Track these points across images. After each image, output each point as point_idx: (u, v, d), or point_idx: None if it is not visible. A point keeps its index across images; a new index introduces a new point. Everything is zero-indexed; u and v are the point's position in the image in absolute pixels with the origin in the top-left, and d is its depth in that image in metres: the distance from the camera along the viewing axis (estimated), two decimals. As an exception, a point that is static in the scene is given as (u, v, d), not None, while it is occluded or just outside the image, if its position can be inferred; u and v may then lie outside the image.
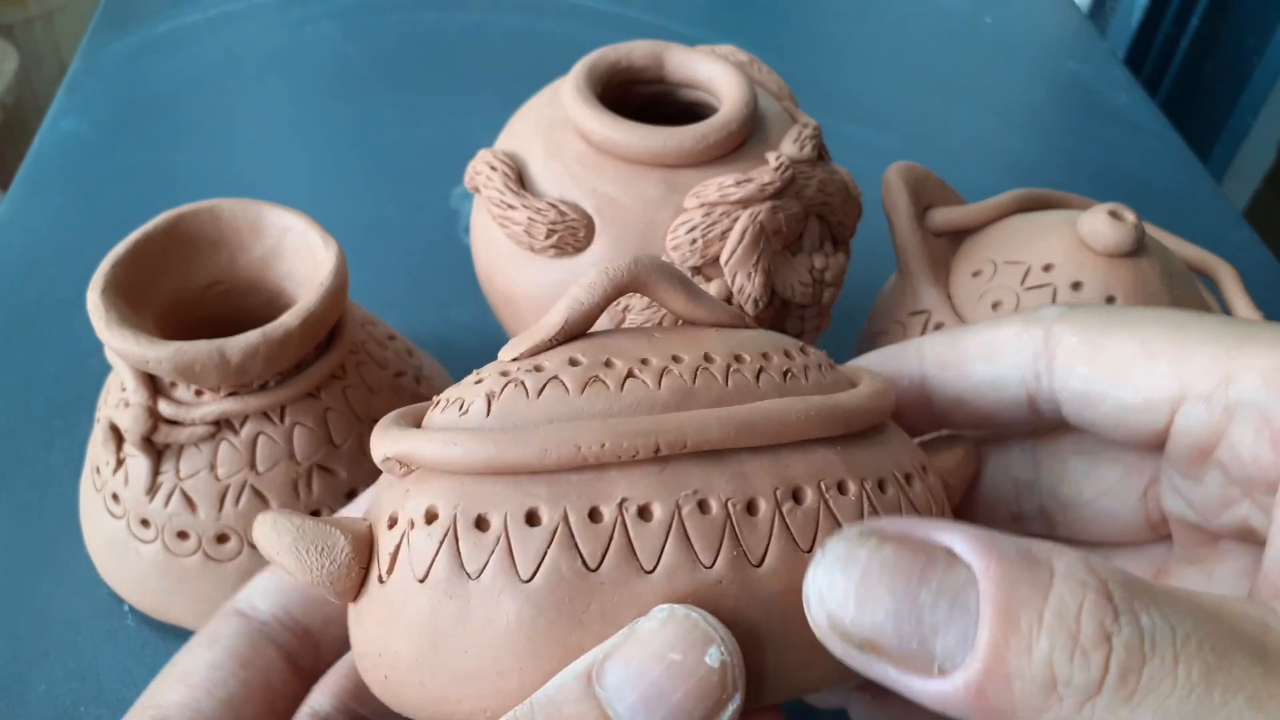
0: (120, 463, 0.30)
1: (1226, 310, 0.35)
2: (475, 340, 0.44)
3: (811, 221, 0.32)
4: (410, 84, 0.62)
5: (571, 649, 0.16)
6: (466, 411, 0.18)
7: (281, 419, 0.30)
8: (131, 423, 0.29)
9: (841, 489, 0.17)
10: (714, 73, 0.33)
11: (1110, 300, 0.30)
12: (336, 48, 0.66)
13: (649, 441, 0.16)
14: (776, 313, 0.32)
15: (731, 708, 0.15)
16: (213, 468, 0.30)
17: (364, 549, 0.18)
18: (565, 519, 0.16)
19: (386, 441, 0.18)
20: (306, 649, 0.20)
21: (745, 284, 0.30)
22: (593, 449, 0.16)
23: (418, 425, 0.19)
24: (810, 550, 0.17)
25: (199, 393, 0.30)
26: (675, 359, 0.18)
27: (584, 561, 0.16)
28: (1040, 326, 0.20)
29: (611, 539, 0.16)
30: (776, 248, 0.31)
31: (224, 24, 0.67)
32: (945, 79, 0.66)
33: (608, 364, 0.18)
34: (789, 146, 0.32)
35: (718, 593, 0.16)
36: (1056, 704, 0.14)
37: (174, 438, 0.30)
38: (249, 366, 0.28)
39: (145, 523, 0.31)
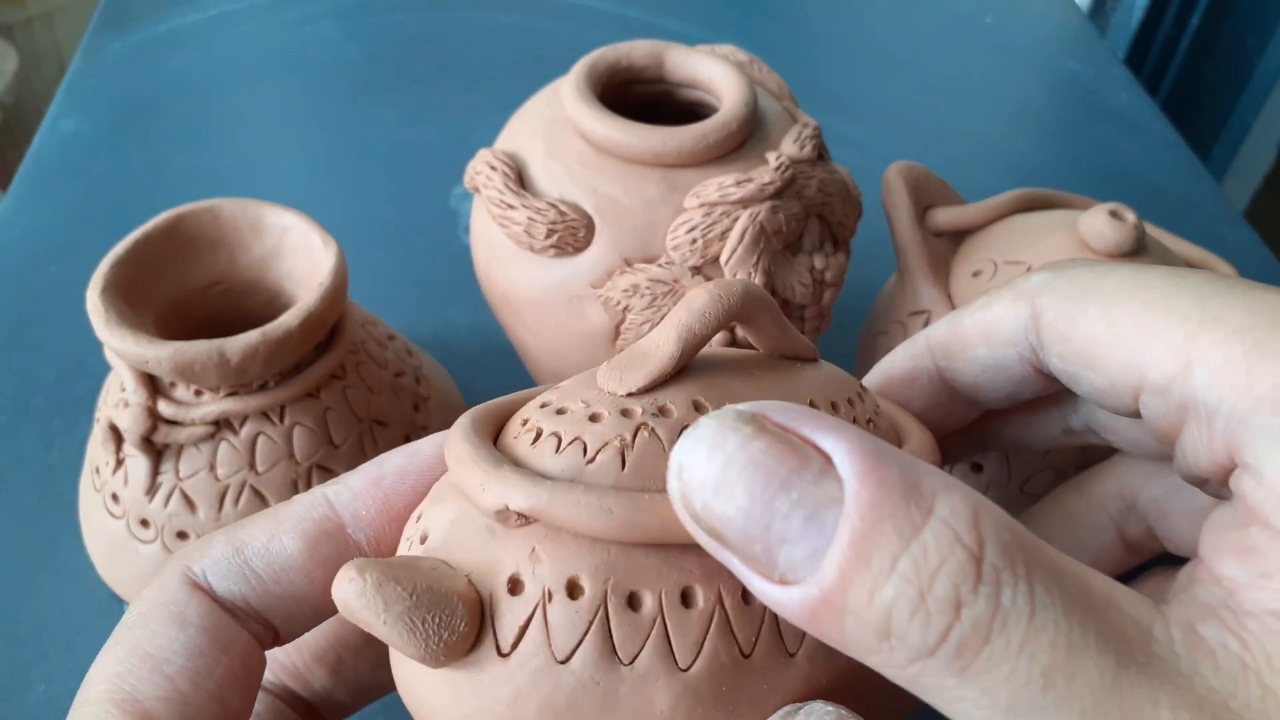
0: (120, 463, 0.30)
1: None
2: (475, 340, 0.44)
3: (811, 221, 0.32)
4: (410, 84, 0.62)
5: None
6: (593, 460, 0.16)
7: (281, 419, 0.30)
8: (131, 423, 0.29)
9: None
10: (714, 73, 0.33)
11: None
12: (336, 48, 0.66)
13: None
14: (776, 313, 0.32)
15: None
16: (212, 468, 0.30)
17: (475, 613, 0.16)
18: (720, 600, 0.15)
19: (510, 490, 0.16)
20: (268, 635, 0.19)
21: (745, 284, 0.30)
22: None
23: (494, 439, 0.17)
24: None
25: (199, 393, 0.30)
26: None
27: (739, 648, 0.15)
28: (1026, 301, 0.20)
29: (763, 623, 0.15)
30: (776, 248, 0.31)
31: (224, 24, 0.67)
32: (945, 79, 0.66)
33: None
34: (789, 146, 0.32)
35: (859, 675, 0.15)
36: (886, 651, 0.13)
37: (173, 438, 0.30)
38: (249, 366, 0.28)
39: (145, 523, 0.31)
